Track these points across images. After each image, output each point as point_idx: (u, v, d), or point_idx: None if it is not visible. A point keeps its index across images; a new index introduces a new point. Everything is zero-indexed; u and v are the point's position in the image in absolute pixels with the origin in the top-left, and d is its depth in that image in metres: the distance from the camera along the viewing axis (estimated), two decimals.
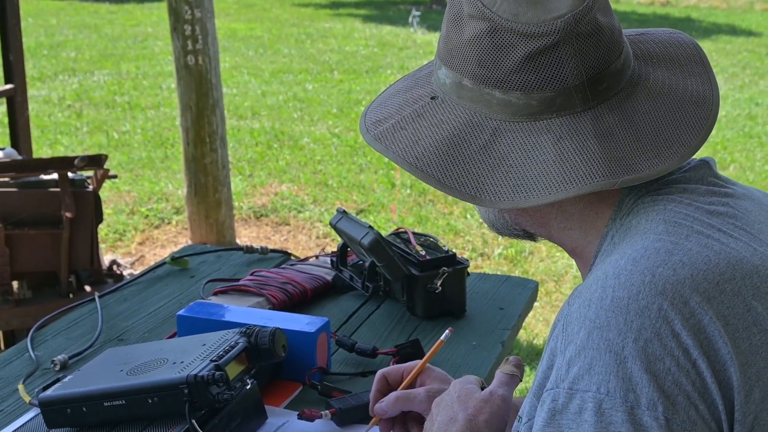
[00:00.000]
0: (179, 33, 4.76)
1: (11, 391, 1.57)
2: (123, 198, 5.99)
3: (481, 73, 0.99)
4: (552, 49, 0.95)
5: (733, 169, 6.92)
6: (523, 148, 0.97)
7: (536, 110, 0.97)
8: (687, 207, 0.96)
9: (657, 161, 0.96)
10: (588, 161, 0.94)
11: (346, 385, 1.56)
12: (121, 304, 1.95)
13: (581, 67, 0.96)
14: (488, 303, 1.92)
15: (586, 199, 1.01)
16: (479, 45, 0.98)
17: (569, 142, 0.96)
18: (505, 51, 0.97)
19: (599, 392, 0.84)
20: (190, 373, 1.32)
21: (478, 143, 0.99)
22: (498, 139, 0.98)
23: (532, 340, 4.15)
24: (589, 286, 0.91)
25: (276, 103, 8.99)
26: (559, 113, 0.97)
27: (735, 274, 0.90)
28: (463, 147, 0.99)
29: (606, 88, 0.98)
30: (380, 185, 6.31)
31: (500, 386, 1.17)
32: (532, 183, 0.95)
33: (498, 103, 0.99)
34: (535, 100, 0.97)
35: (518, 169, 0.96)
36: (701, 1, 21.11)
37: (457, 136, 1.00)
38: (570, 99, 0.97)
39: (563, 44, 0.95)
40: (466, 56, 1.00)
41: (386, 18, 16.41)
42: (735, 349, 0.86)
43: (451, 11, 1.03)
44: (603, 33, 0.98)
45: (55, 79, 9.94)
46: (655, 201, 0.98)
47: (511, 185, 0.96)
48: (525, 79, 0.97)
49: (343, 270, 1.98)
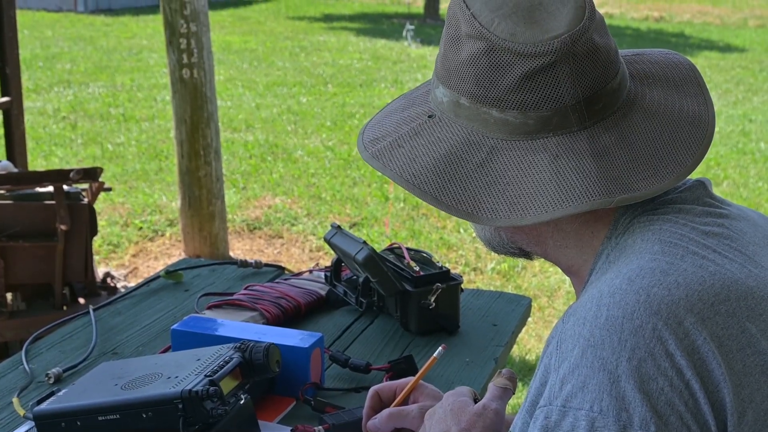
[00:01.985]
0: (174, 47, 4.78)
1: (5, 404, 1.57)
2: (117, 210, 5.99)
3: (478, 92, 1.00)
4: (549, 68, 0.97)
5: (727, 186, 6.95)
6: (520, 167, 0.98)
7: (533, 129, 0.98)
8: (682, 227, 0.97)
9: (652, 181, 0.97)
10: (584, 180, 0.95)
11: (339, 400, 1.57)
12: (116, 317, 1.96)
13: (578, 87, 0.98)
14: (482, 319, 1.93)
15: (582, 217, 1.02)
16: (477, 64, 1.00)
17: (565, 160, 0.97)
18: (502, 70, 0.98)
19: (592, 410, 0.84)
20: (185, 388, 1.32)
21: (475, 161, 1.00)
22: (495, 158, 0.99)
23: (524, 356, 4.16)
24: (584, 305, 0.91)
25: (270, 116, 9.00)
26: (556, 132, 0.98)
27: (730, 296, 0.90)
28: (460, 165, 1.00)
29: (602, 108, 0.99)
30: (373, 199, 6.32)
31: (493, 399, 1.18)
32: (529, 201, 0.96)
33: (495, 122, 1.00)
34: (532, 119, 0.98)
35: (515, 187, 0.97)
36: (695, 17, 21.22)
37: (454, 153, 1.01)
38: (566, 118, 0.98)
39: (560, 64, 0.96)
40: (463, 75, 1.01)
41: (380, 31, 16.46)
42: (729, 370, 0.86)
43: (449, 31, 1.04)
44: (599, 53, 0.99)
45: (50, 91, 9.94)
46: (650, 221, 0.98)
47: (507, 203, 0.97)
48: (522, 98, 0.98)
49: (337, 285, 1.99)
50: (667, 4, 23.47)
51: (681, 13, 21.93)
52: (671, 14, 21.63)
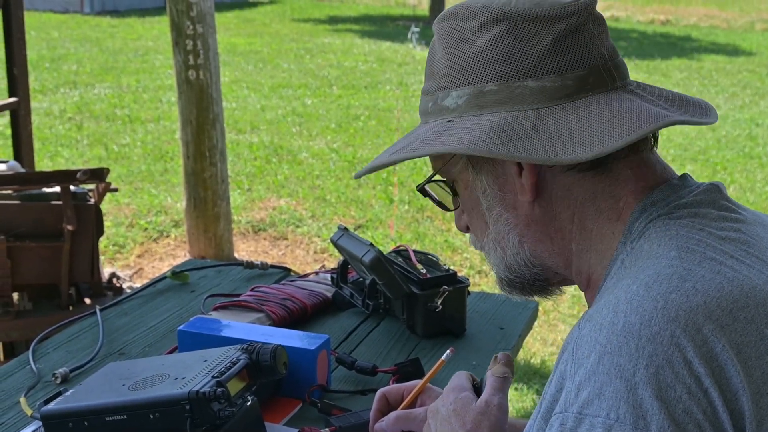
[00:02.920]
0: (181, 48, 4.79)
1: (13, 403, 1.57)
2: (122, 210, 6.00)
3: (508, 70, 1.00)
4: (579, 28, 1.00)
5: (734, 190, 6.94)
6: (575, 118, 0.98)
7: (572, 90, 1.00)
8: (699, 232, 0.96)
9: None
10: (643, 112, 0.98)
11: (346, 402, 1.57)
12: (122, 317, 1.96)
13: (602, 47, 1.02)
14: (488, 322, 1.93)
15: (605, 215, 1.02)
16: (499, 45, 1.00)
17: (618, 103, 0.99)
18: (531, 40, 1.00)
19: (609, 418, 0.83)
20: (192, 389, 1.32)
21: (526, 126, 0.98)
22: (545, 120, 0.98)
23: (529, 359, 4.15)
24: (600, 311, 0.90)
25: (275, 118, 9.01)
26: (594, 91, 1.00)
27: (748, 302, 0.89)
28: (513, 131, 0.98)
29: (622, 74, 1.03)
30: (378, 201, 6.32)
31: (494, 393, 1.16)
32: (604, 135, 0.95)
33: (532, 92, 0.99)
34: (570, 80, 1.00)
35: (580, 131, 0.96)
36: (701, 20, 21.20)
37: (499, 127, 0.99)
38: (600, 77, 1.01)
39: (587, 23, 1.01)
40: (485, 63, 1.01)
41: (385, 34, 16.46)
42: (747, 378, 0.86)
43: (452, 36, 1.04)
44: (606, 24, 1.05)
45: (57, 92, 9.97)
46: (666, 225, 0.97)
47: (582, 143, 0.95)
48: (558, 60, 0.99)
49: (344, 287, 1.99)
50: (673, 7, 23.45)
51: (687, 16, 21.91)
52: (677, 17, 21.60)
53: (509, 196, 1.05)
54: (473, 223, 1.12)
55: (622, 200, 1.02)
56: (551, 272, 1.09)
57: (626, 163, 1.02)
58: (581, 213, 1.03)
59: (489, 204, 1.07)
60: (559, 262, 1.07)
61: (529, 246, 1.07)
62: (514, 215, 1.05)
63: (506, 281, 1.11)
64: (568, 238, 1.05)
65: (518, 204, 1.05)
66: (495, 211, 1.06)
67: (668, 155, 8.05)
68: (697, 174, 7.34)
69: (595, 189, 1.02)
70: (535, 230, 1.06)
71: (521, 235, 1.06)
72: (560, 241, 1.05)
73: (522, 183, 1.03)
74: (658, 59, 14.44)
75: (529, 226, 1.05)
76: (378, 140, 8.19)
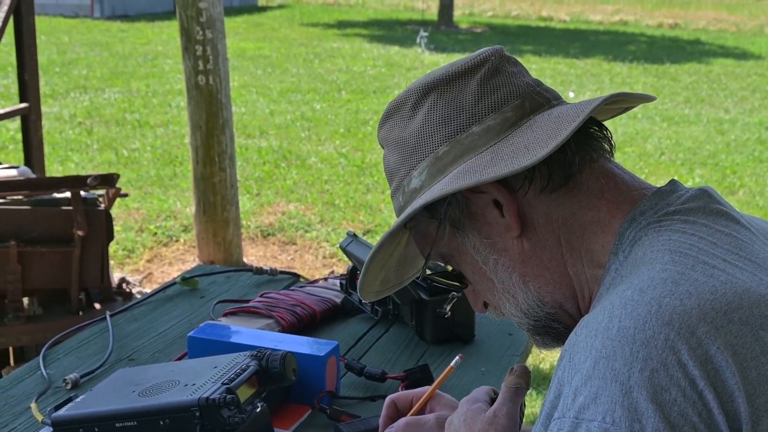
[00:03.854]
0: (190, 53, 4.80)
1: (23, 408, 1.58)
2: (132, 215, 6.02)
3: (451, 128, 1.06)
4: (497, 69, 1.08)
5: (743, 194, 6.92)
6: (527, 136, 1.03)
7: (514, 119, 1.05)
8: (691, 237, 0.97)
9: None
10: (589, 103, 1.04)
11: (355, 409, 1.57)
12: (132, 323, 1.97)
13: (527, 79, 1.09)
14: (497, 328, 1.93)
15: (590, 229, 1.03)
16: (435, 113, 1.07)
17: (562, 109, 1.05)
18: (460, 95, 1.07)
19: (605, 422, 0.84)
20: (202, 395, 1.33)
21: (485, 160, 1.03)
22: (500, 150, 1.03)
23: (538, 364, 4.15)
24: (596, 317, 0.91)
25: (284, 122, 9.03)
26: (534, 113, 1.06)
27: (742, 304, 0.90)
28: (475, 167, 1.03)
29: (555, 95, 1.10)
30: (387, 205, 6.32)
31: (504, 403, 1.17)
32: (555, 133, 1.00)
33: (480, 136, 1.05)
34: (509, 111, 1.06)
35: (534, 141, 1.01)
36: (710, 24, 21.16)
37: (461, 170, 1.03)
38: (535, 101, 1.07)
39: (503, 64, 1.09)
40: (429, 134, 1.07)
41: (394, 38, 16.48)
42: (743, 379, 0.86)
43: (393, 131, 1.12)
44: (522, 65, 1.13)
45: (67, 97, 10.01)
46: (658, 232, 0.98)
47: (539, 146, 1.00)
48: (491, 100, 1.06)
49: (353, 293, 2.00)
50: (682, 11, 23.42)
51: (696, 20, 21.87)
52: (686, 21, 21.57)
53: (498, 241, 1.07)
54: (481, 288, 1.13)
55: (603, 210, 1.03)
56: (563, 312, 1.09)
57: (591, 174, 1.05)
58: (566, 234, 1.04)
59: (483, 257, 1.08)
60: (565, 292, 1.07)
61: (534, 284, 1.07)
62: (508, 257, 1.07)
63: (531, 328, 1.12)
64: (562, 262, 1.05)
65: (508, 245, 1.07)
66: (491, 262, 1.08)
67: (677, 159, 8.04)
68: (706, 178, 7.32)
69: (572, 205, 1.04)
70: (532, 265, 1.07)
71: (523, 274, 1.07)
72: (556, 268, 1.06)
73: (506, 221, 1.05)
74: (667, 63, 14.43)
75: (525, 263, 1.07)
76: None
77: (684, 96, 11.56)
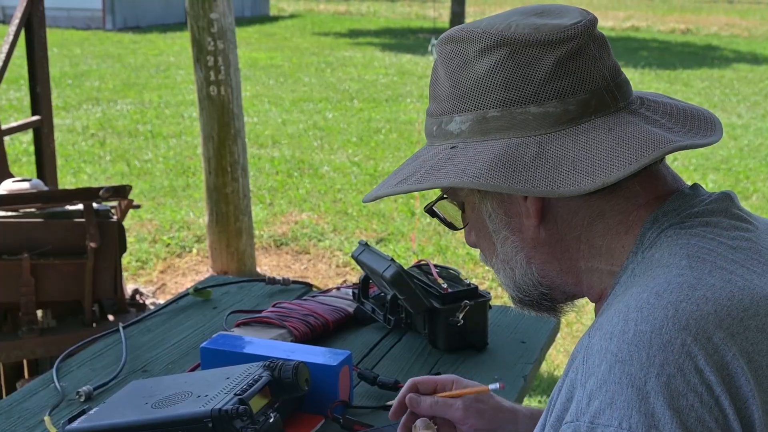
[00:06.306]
0: (202, 64, 4.82)
1: (37, 422, 1.58)
2: (145, 226, 6.04)
3: (509, 96, 1.00)
4: (579, 51, 1.00)
5: (756, 199, 6.88)
6: (578, 145, 0.97)
7: (575, 115, 0.99)
8: (710, 242, 0.96)
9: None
10: (646, 138, 0.97)
11: (368, 418, 1.57)
12: (145, 335, 1.97)
13: (603, 68, 1.01)
14: (510, 336, 1.92)
15: (614, 230, 1.01)
16: (501, 71, 1.00)
17: (621, 128, 0.98)
18: (532, 65, 0.99)
19: (621, 427, 0.83)
20: (215, 406, 1.33)
21: (529, 155, 0.98)
22: (548, 147, 0.98)
23: (552, 372, 4.13)
24: (611, 319, 0.91)
25: (296, 132, 9.04)
26: (597, 114, 1.00)
27: (759, 311, 0.90)
28: (516, 161, 0.98)
29: (624, 94, 1.03)
30: (400, 214, 6.32)
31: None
32: (606, 164, 0.95)
33: (535, 118, 0.99)
34: (572, 104, 0.99)
35: (583, 160, 0.96)
36: (722, 29, 21.10)
37: (502, 157, 0.98)
38: (603, 100, 1.00)
39: (587, 46, 1.00)
40: (486, 89, 1.01)
41: (405, 46, 16.50)
42: (758, 386, 0.86)
43: (454, 60, 1.04)
44: (608, 43, 1.04)
45: (79, 108, 10.06)
46: (678, 234, 0.97)
47: (585, 172, 0.95)
48: (559, 85, 0.99)
49: (365, 302, 1.99)
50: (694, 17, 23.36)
51: (708, 25, 21.82)
52: (698, 26, 21.52)
53: (515, 220, 1.05)
54: (481, 243, 1.12)
55: (632, 214, 1.01)
56: (559, 291, 1.09)
57: (634, 181, 1.01)
58: (589, 232, 1.03)
59: (495, 227, 1.07)
60: (568, 280, 1.07)
61: (537, 267, 1.07)
62: (521, 238, 1.06)
63: (517, 300, 1.12)
64: (576, 257, 1.04)
65: (524, 227, 1.05)
66: (501, 234, 1.07)
67: (690, 164, 8.00)
68: (719, 183, 7.29)
69: (603, 208, 1.02)
70: (542, 252, 1.06)
71: (529, 256, 1.07)
72: (568, 261, 1.05)
73: (527, 207, 1.03)
74: (679, 69, 14.38)
75: (536, 249, 1.06)
76: (399, 153, 8.20)
77: (697, 101, 11.52)
